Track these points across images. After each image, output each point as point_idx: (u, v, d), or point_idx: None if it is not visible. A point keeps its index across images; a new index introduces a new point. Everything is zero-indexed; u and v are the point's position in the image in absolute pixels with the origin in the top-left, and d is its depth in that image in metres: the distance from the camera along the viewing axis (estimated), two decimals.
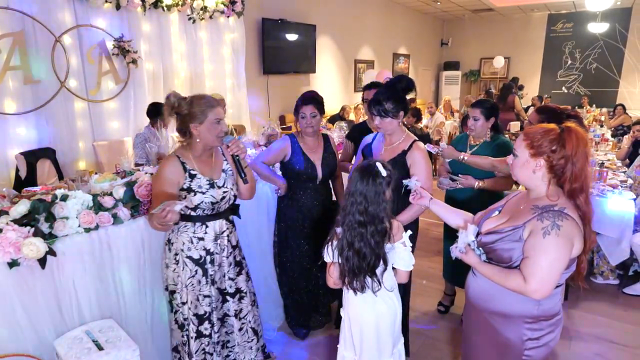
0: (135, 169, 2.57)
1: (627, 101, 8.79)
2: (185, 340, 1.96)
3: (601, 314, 3.01)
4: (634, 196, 3.31)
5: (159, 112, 3.77)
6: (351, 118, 7.35)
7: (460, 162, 2.46)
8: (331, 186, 2.66)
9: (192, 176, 1.88)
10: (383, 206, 1.59)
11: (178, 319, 1.97)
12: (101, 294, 1.90)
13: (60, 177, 3.61)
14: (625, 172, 4.09)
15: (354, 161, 2.55)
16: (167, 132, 3.69)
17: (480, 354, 1.65)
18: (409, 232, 1.69)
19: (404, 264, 1.67)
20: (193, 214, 1.89)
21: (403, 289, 2.17)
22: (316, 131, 2.47)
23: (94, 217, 1.85)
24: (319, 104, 2.42)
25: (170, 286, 1.95)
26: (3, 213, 1.72)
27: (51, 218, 1.76)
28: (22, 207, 1.72)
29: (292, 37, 6.60)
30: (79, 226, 1.81)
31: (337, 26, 7.95)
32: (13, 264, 1.59)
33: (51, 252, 1.67)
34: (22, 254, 1.58)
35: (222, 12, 5.07)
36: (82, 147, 4.04)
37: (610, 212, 3.19)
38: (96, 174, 2.62)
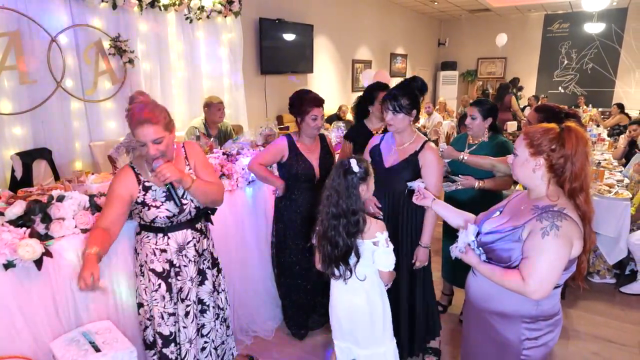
0: None
1: (623, 101, 8.82)
2: None
3: (598, 313, 3.02)
4: (630, 195, 3.33)
5: None
6: (349, 118, 7.35)
7: (460, 162, 2.46)
8: None
9: (146, 188, 1.73)
10: (354, 200, 1.67)
11: (147, 337, 1.88)
12: (98, 295, 1.88)
13: (56, 177, 3.58)
14: (621, 172, 4.11)
15: None
16: None
17: (479, 353, 1.65)
18: (386, 234, 1.72)
19: (382, 264, 1.73)
20: (153, 224, 1.76)
21: (422, 289, 2.23)
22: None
23: (90, 217, 1.84)
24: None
25: (138, 298, 1.86)
26: None
27: (47, 219, 1.75)
28: (17, 208, 1.71)
29: (289, 37, 6.59)
30: (76, 227, 1.80)
31: (335, 26, 7.95)
32: (9, 265, 1.57)
33: (47, 253, 1.66)
34: (17, 255, 1.57)
35: (220, 12, 5.05)
36: (79, 148, 4.02)
37: (607, 211, 3.20)
38: (93, 174, 2.61)
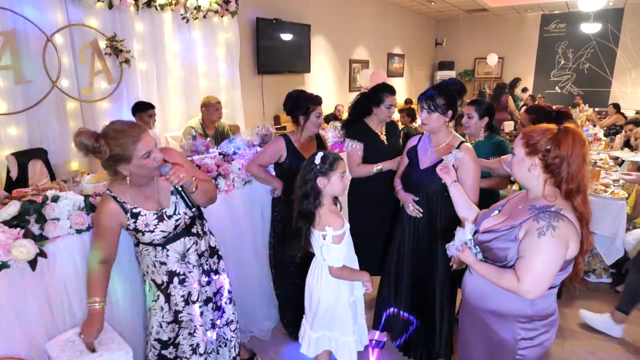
0: None
1: (620, 101, 8.86)
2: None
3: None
4: (626, 195, 3.34)
5: (145, 110, 3.78)
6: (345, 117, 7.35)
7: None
8: None
9: (135, 215, 1.67)
10: (308, 187, 1.77)
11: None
12: None
13: (52, 177, 3.56)
14: (617, 171, 4.12)
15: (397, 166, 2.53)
16: (156, 131, 3.65)
17: (475, 352, 1.65)
18: (334, 232, 1.76)
19: (326, 257, 1.79)
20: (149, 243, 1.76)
21: (440, 291, 2.25)
22: None
23: (85, 218, 1.82)
24: None
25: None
26: None
27: (42, 219, 1.74)
28: (12, 208, 1.70)
29: (286, 36, 6.58)
30: (70, 227, 1.79)
31: (332, 26, 7.95)
32: (3, 265, 1.56)
33: (42, 253, 1.65)
34: (11, 256, 1.56)
35: (216, 12, 5.04)
36: (75, 148, 3.97)
37: (604, 211, 3.21)
38: (88, 174, 2.60)
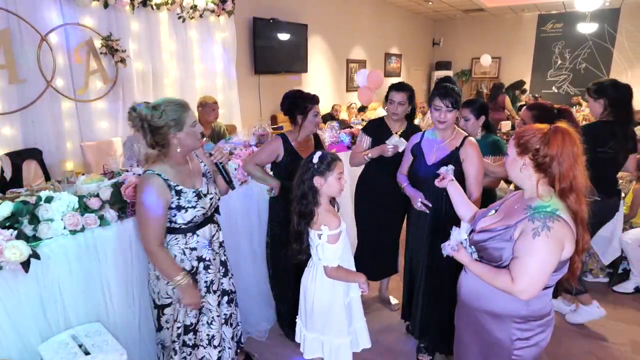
0: (124, 169, 2.53)
1: None
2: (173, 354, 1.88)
3: None
4: (622, 194, 3.34)
5: None
6: (342, 117, 7.34)
7: None
8: None
9: (179, 192, 1.76)
10: (306, 187, 1.78)
11: (165, 338, 1.90)
12: (88, 297, 1.86)
13: (47, 178, 3.54)
14: None
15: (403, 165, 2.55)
16: None
17: (471, 352, 1.65)
18: (330, 231, 1.76)
19: (321, 257, 1.80)
20: (183, 226, 1.81)
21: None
22: None
23: (79, 219, 1.81)
24: None
25: (162, 299, 1.85)
26: None
27: (35, 220, 1.72)
28: (4, 209, 1.68)
29: (283, 36, 6.57)
30: (65, 228, 1.77)
31: (329, 26, 7.93)
32: None
33: (35, 255, 1.63)
34: (4, 258, 1.54)
35: (213, 11, 5.02)
36: (70, 148, 3.97)
37: None
38: (83, 175, 2.57)
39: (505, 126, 6.51)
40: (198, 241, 1.86)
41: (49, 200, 1.78)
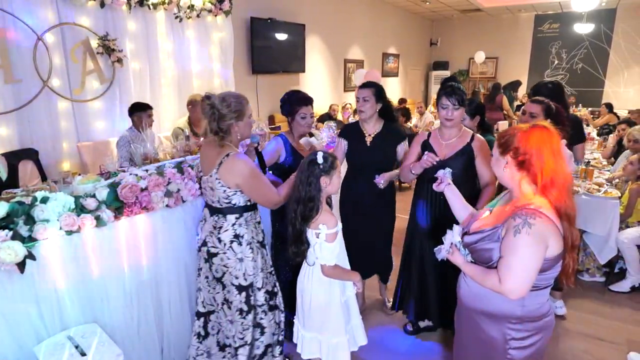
0: (120, 169, 2.52)
1: (613, 101, 8.93)
2: (260, 329, 2.06)
3: (588, 311, 3.04)
4: (619, 194, 3.36)
5: (144, 110, 3.70)
6: (340, 117, 7.34)
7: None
8: None
9: None
10: (313, 188, 1.79)
11: (257, 316, 2.04)
12: (84, 298, 1.86)
13: (43, 178, 3.53)
14: (610, 171, 4.15)
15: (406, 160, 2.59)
16: (153, 131, 3.61)
17: (469, 352, 1.65)
18: (328, 230, 1.78)
19: (319, 255, 1.81)
20: (248, 203, 1.99)
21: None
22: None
23: (75, 219, 1.80)
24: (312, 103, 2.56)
25: (249, 278, 1.99)
26: None
27: (31, 221, 1.71)
28: (0, 209, 1.67)
29: (281, 36, 6.56)
30: (60, 229, 1.76)
31: (327, 26, 7.93)
32: None
33: (30, 256, 1.62)
34: None
35: (210, 11, 5.01)
36: (66, 148, 3.95)
37: (597, 210, 3.23)
38: (80, 175, 2.56)
39: (503, 126, 6.51)
40: (260, 216, 2.10)
41: (44, 200, 1.77)
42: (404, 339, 2.72)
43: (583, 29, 9.68)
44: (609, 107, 7.82)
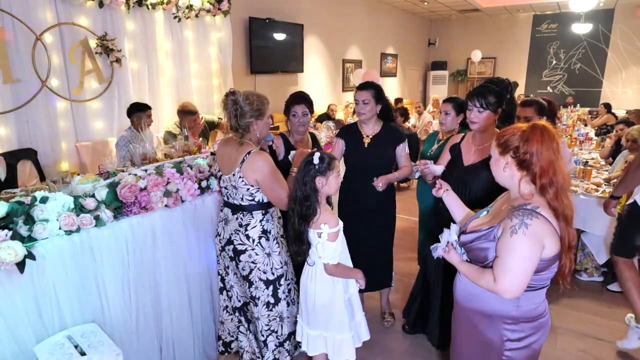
0: (119, 169, 2.52)
1: (611, 101, 8.96)
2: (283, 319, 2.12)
3: (586, 311, 3.05)
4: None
5: (144, 110, 3.68)
6: (338, 117, 7.35)
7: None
8: None
9: None
10: (308, 188, 1.79)
11: (283, 310, 2.10)
12: (83, 297, 1.85)
13: (42, 178, 3.52)
14: (608, 171, 4.16)
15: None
16: (152, 131, 3.60)
17: (465, 352, 1.66)
18: (330, 229, 1.79)
19: (321, 255, 1.82)
20: None
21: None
22: (306, 130, 2.57)
23: (75, 219, 1.80)
24: (309, 103, 2.54)
25: (276, 272, 2.06)
26: None
27: (30, 221, 1.71)
28: None
29: (279, 36, 6.57)
30: (60, 229, 1.76)
31: (325, 26, 7.94)
32: None
33: (30, 255, 1.62)
34: None
35: (208, 11, 5.01)
36: (65, 148, 3.95)
37: (595, 210, 3.23)
38: (79, 175, 2.56)
39: None
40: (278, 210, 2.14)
41: (44, 200, 1.77)
42: (403, 337, 2.72)
43: (581, 29, 9.72)
44: (608, 107, 7.84)
